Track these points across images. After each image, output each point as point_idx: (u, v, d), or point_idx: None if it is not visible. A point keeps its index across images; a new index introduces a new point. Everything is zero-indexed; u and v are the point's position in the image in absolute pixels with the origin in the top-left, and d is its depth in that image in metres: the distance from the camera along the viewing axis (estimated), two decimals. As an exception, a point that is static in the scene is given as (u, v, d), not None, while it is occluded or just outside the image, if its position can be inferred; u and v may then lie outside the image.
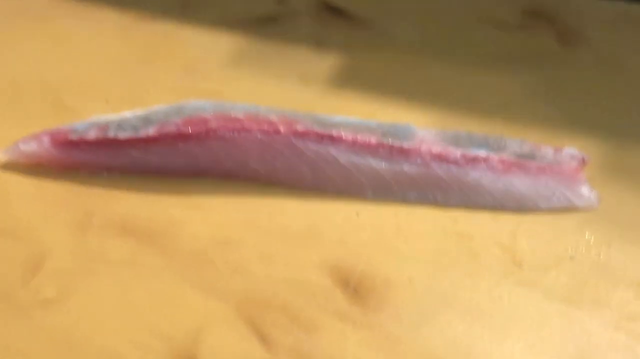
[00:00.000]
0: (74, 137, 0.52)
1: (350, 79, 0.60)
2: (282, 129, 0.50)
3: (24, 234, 0.49)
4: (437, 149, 0.49)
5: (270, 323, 0.44)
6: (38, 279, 0.46)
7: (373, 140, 0.50)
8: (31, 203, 0.51)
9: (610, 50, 0.62)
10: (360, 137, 0.50)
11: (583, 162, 0.50)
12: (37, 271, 0.47)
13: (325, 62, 0.62)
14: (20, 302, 0.45)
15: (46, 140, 0.52)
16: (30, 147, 0.52)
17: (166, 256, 0.48)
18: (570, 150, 0.51)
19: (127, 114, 0.54)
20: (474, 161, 0.49)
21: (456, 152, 0.49)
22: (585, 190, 0.49)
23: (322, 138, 0.50)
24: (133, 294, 0.46)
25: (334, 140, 0.50)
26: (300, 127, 0.50)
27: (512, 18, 0.66)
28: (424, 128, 0.52)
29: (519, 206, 0.49)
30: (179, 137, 0.51)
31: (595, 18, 0.66)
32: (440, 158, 0.49)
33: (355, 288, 0.46)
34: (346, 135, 0.50)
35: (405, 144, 0.49)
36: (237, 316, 0.44)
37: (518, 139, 0.51)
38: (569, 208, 0.49)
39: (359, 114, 0.56)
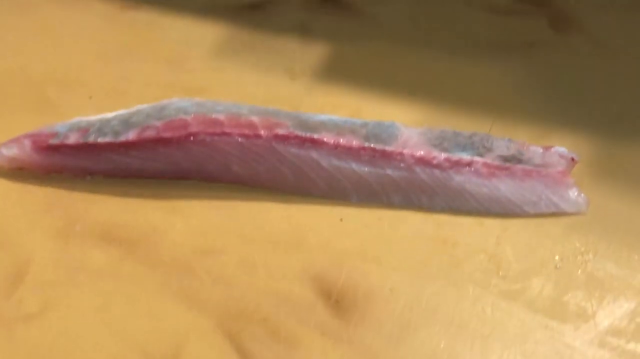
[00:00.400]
0: (54, 141, 0.51)
1: (336, 73, 0.59)
2: (262, 132, 0.49)
3: (7, 243, 0.49)
4: (419, 152, 0.48)
5: (251, 338, 0.43)
6: (20, 292, 0.46)
7: (355, 143, 0.48)
8: (14, 209, 0.51)
9: (604, 36, 0.61)
10: (342, 141, 0.48)
11: (572, 161, 0.48)
12: (20, 282, 0.46)
13: (312, 54, 0.61)
14: (3, 316, 0.45)
15: (27, 144, 0.52)
16: (13, 151, 0.52)
17: (147, 265, 0.47)
18: (560, 149, 0.49)
19: (109, 115, 0.53)
20: (457, 164, 0.48)
21: (439, 156, 0.48)
22: (573, 194, 0.48)
23: (303, 142, 0.49)
24: (114, 306, 0.45)
25: (315, 144, 0.49)
26: (281, 131, 0.49)
27: (503, 3, 0.64)
28: (409, 126, 0.51)
29: (505, 210, 0.48)
30: (160, 142, 0.50)
31: (589, 1, 0.64)
32: (423, 162, 0.48)
33: (337, 299, 0.45)
34: (328, 138, 0.48)
35: (388, 148, 0.48)
36: (217, 330, 0.44)
37: (505, 138, 0.50)
38: (556, 213, 0.48)
39: (345, 109, 0.55)
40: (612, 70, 0.58)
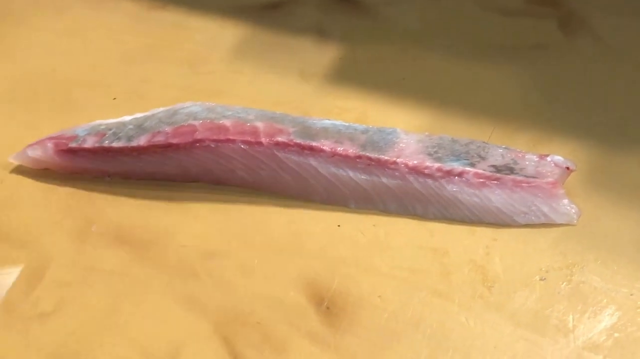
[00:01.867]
0: (74, 145, 0.54)
1: (347, 75, 0.60)
2: (263, 140, 0.50)
3: (31, 242, 0.52)
4: (412, 162, 0.49)
5: (244, 342, 0.45)
6: (38, 291, 0.49)
7: (351, 152, 0.49)
8: (38, 208, 0.54)
9: (614, 41, 0.60)
10: (339, 149, 0.49)
11: (568, 170, 0.48)
12: (38, 281, 0.49)
13: (324, 56, 0.62)
14: (21, 314, 0.48)
15: (50, 146, 0.54)
16: (37, 153, 0.55)
17: (155, 267, 0.49)
18: (556, 157, 0.49)
19: (126, 118, 0.56)
20: (449, 174, 0.48)
21: (432, 166, 0.48)
22: (563, 205, 0.47)
23: (302, 149, 0.50)
24: (121, 307, 0.48)
25: (313, 151, 0.50)
26: (281, 138, 0.50)
27: (515, 4, 0.63)
28: (410, 133, 0.51)
29: (496, 220, 0.48)
30: (168, 147, 0.52)
31: (600, 4, 0.62)
32: (416, 171, 0.49)
33: (327, 306, 0.46)
34: (325, 146, 0.50)
35: (383, 157, 0.49)
36: (214, 333, 0.46)
37: (502, 146, 0.50)
38: (547, 224, 0.48)
39: (352, 111, 0.57)
40: (620, 75, 0.57)
